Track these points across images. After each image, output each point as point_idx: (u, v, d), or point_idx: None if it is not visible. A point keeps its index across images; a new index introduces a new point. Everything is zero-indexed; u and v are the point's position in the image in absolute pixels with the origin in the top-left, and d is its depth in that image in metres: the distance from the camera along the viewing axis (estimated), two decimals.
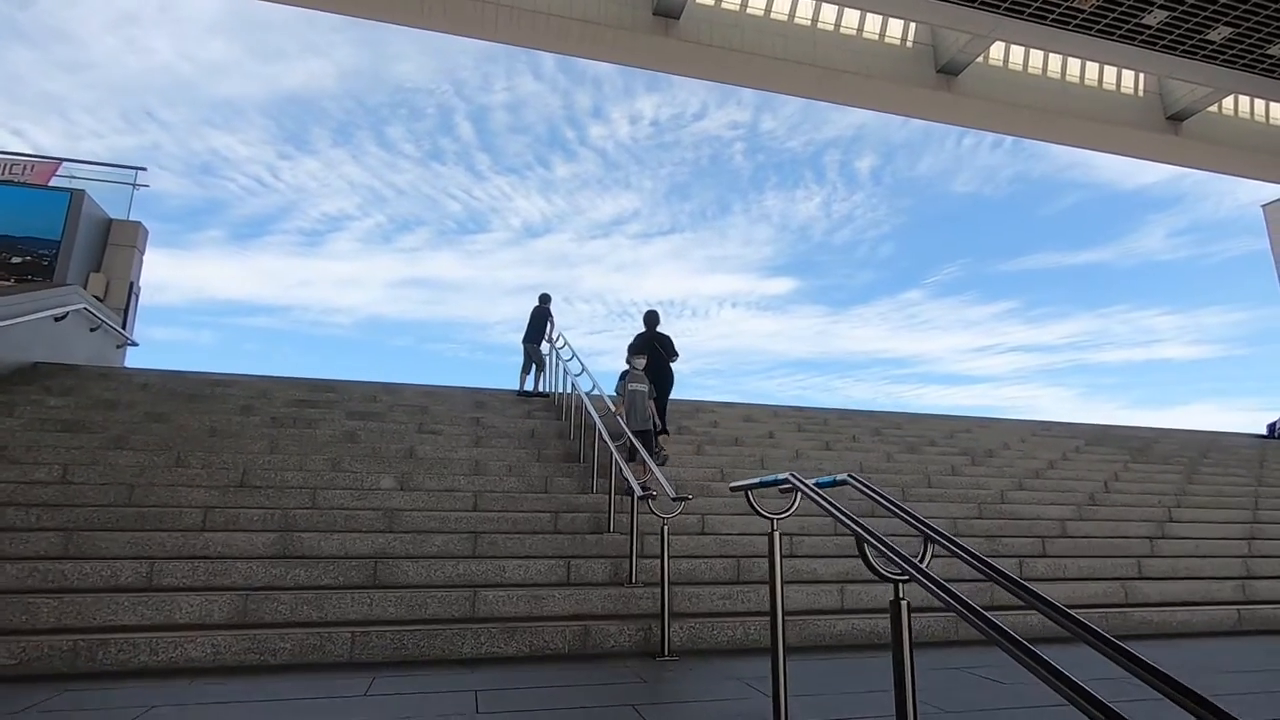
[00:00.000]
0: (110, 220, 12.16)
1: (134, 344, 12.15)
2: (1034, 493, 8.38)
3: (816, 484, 3.14)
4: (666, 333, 8.66)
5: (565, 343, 10.21)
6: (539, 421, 8.96)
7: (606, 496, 6.10)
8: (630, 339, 8.57)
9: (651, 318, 8.70)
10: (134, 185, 12.55)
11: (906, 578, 2.10)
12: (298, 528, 5.36)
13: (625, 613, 4.73)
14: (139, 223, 12.31)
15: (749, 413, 10.73)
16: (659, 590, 4.50)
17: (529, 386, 10.62)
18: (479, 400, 9.68)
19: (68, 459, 6.12)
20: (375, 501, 5.96)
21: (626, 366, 8.04)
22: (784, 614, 3.11)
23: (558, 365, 9.76)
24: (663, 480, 5.34)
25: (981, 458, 9.72)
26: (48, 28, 36.59)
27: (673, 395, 8.79)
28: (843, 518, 2.55)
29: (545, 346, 10.71)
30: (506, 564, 5.04)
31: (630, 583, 5.09)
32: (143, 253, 12.42)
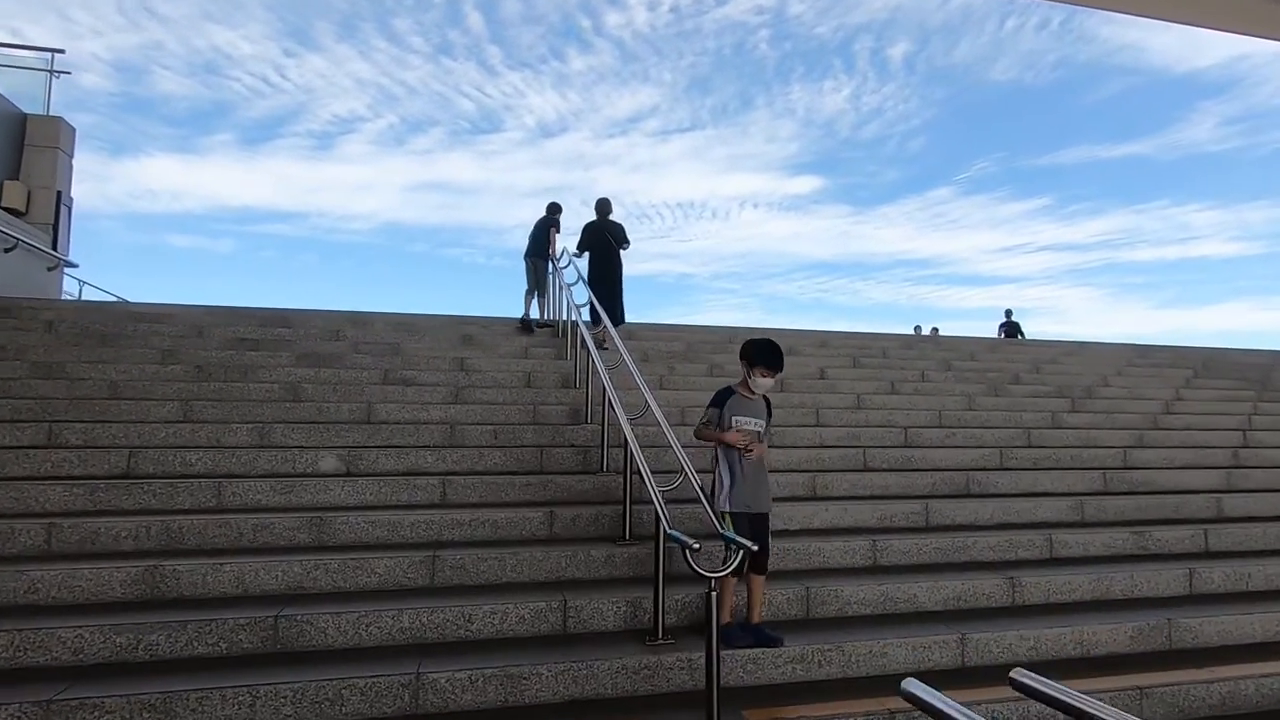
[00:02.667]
0: (25, 116, 10.16)
1: (72, 264, 10.46)
2: (1162, 450, 6.62)
3: None
4: (619, 220, 8.37)
5: (569, 261, 8.36)
6: (537, 362, 7.26)
7: (621, 480, 4.42)
8: (647, 241, 7.22)
9: (602, 205, 8.44)
10: (50, 72, 10.45)
11: None
12: (180, 548, 3.80)
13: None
14: (60, 119, 10.30)
15: (792, 343, 8.90)
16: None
17: (534, 314, 8.84)
18: (466, 334, 7.96)
19: None
20: (305, 497, 4.37)
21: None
22: None
23: (562, 293, 7.94)
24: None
25: (1081, 399, 7.92)
26: None
27: (701, 323, 8.13)
28: None
29: (551, 265, 8.85)
30: (474, 608, 3.46)
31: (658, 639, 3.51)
32: (71, 155, 10.48)
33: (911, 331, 15.58)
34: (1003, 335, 14.59)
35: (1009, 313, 15.28)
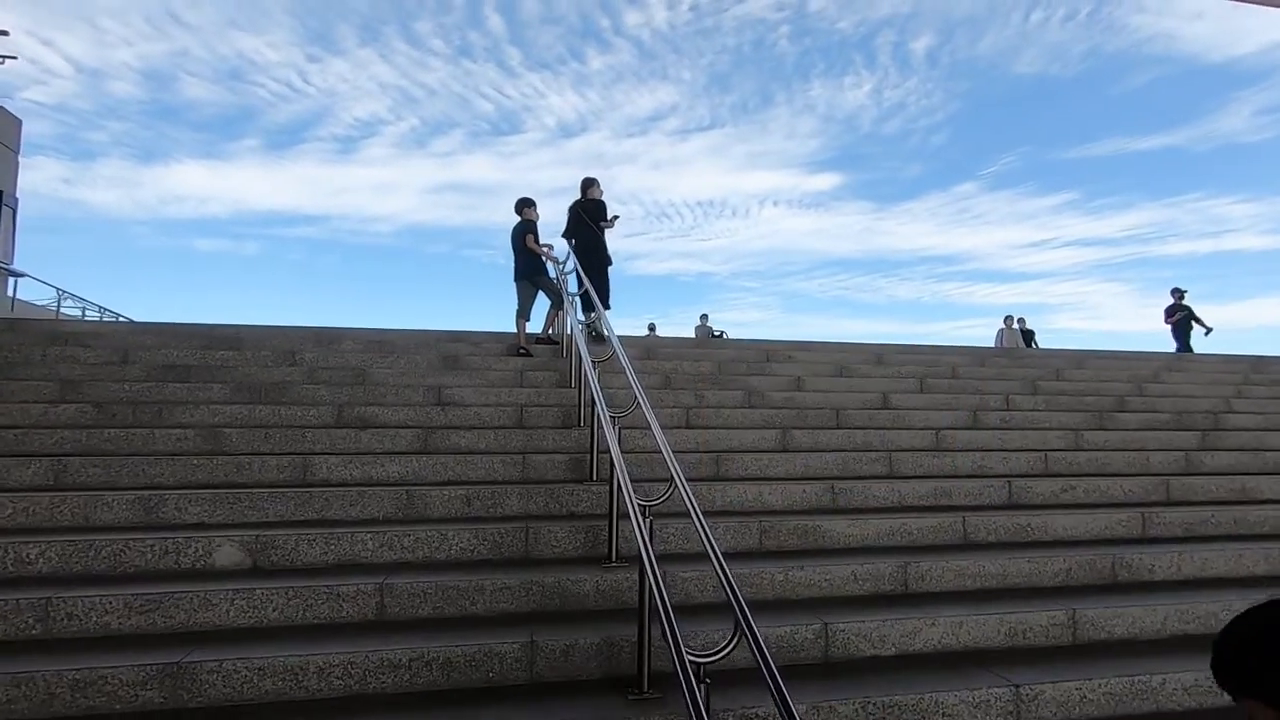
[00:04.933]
0: None
1: (18, 274, 9.26)
2: None
3: None
4: (600, 199, 7.64)
5: (573, 260, 7.00)
6: (534, 391, 5.86)
7: (640, 580, 3.00)
8: (666, 240, 5.99)
9: (584, 184, 7.69)
10: None
11: None
12: None
13: None
14: (2, 108, 9.11)
15: (842, 360, 7.45)
16: None
17: (535, 330, 7.44)
18: (450, 354, 6.59)
19: None
20: (175, 616, 2.99)
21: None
22: None
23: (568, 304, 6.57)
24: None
25: (1211, 432, 6.35)
26: None
27: (737, 336, 7.41)
28: None
29: (552, 269, 7.42)
30: None
31: None
32: (16, 151, 9.28)
33: (1001, 324, 13.83)
34: (1001, 344, 13.07)
35: (1021, 320, 13.83)
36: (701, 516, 2.72)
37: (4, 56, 9.62)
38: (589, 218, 7.59)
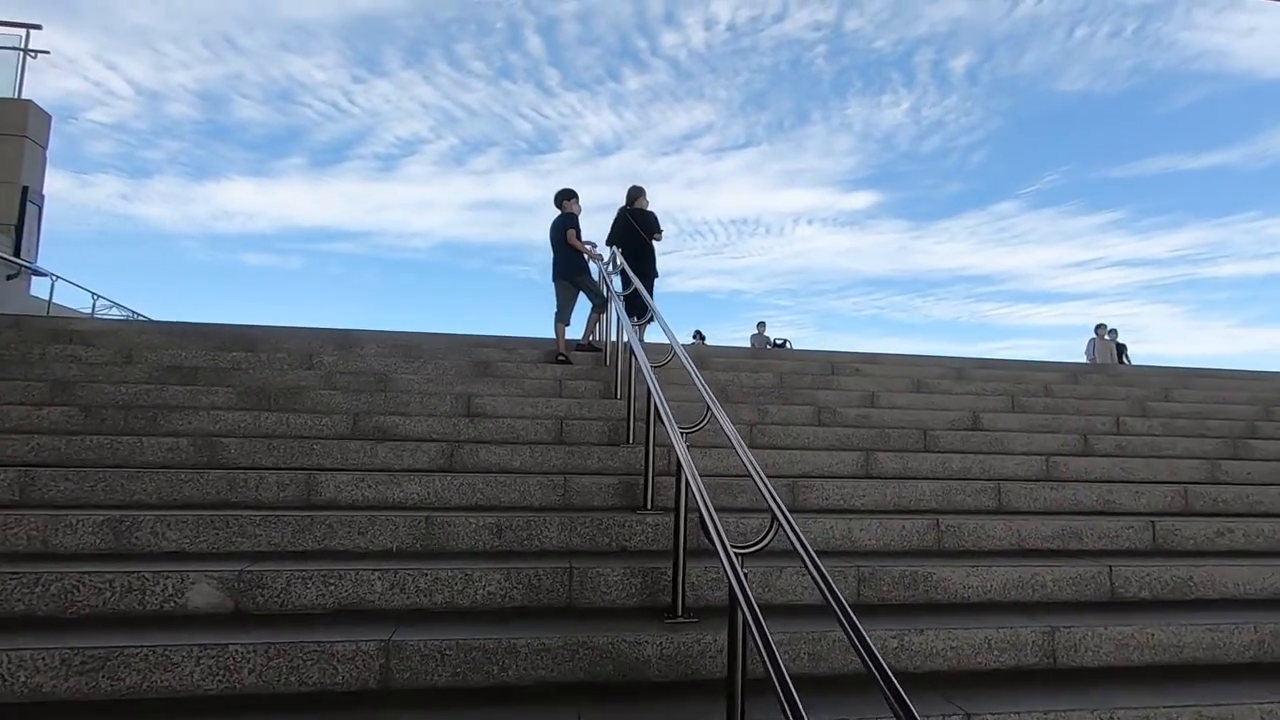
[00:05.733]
0: None
1: (39, 272, 8.96)
2: None
3: None
4: (649, 209, 7.24)
5: (619, 259, 6.33)
6: (575, 403, 5.17)
7: (729, 638, 2.25)
8: (700, 257, 5.59)
9: (631, 192, 7.26)
10: (23, 50, 9.04)
11: None
12: None
13: None
14: (29, 102, 8.85)
15: (916, 374, 6.62)
16: None
17: (577, 336, 6.79)
18: (481, 360, 5.95)
19: None
20: (126, 678, 2.34)
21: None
22: None
23: (612, 307, 5.90)
24: None
25: None
26: None
27: (801, 346, 7.85)
28: None
29: (594, 268, 6.76)
30: None
31: None
32: (43, 146, 9.01)
33: (1093, 334, 12.27)
34: (1092, 357, 11.80)
35: (1114, 331, 12.34)
36: (824, 573, 1.97)
37: (36, 51, 9.43)
38: (639, 225, 7.07)
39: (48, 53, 9.41)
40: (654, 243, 7.19)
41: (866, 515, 3.85)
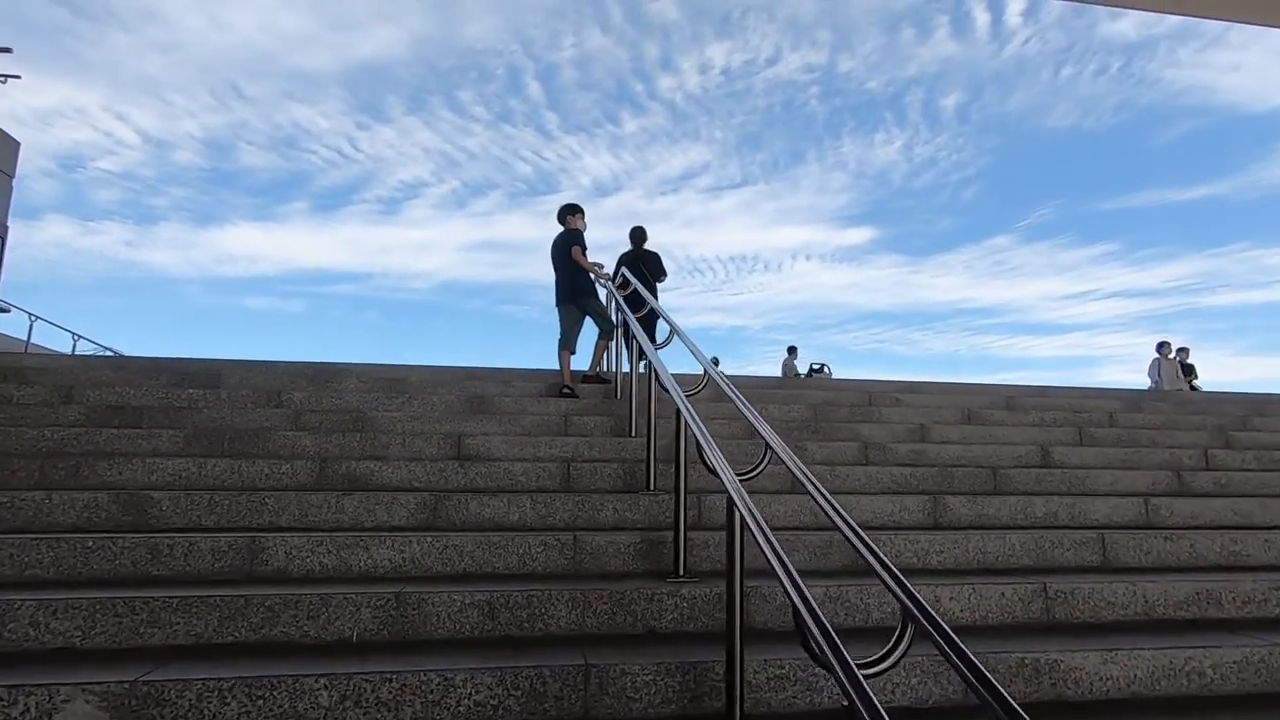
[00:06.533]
0: None
1: (1, 309, 8.28)
2: None
3: None
4: (654, 250, 6.96)
5: (630, 282, 5.65)
6: (582, 442, 4.43)
7: None
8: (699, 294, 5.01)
9: (636, 234, 6.98)
10: None
11: None
12: None
13: None
14: (1, 130, 8.30)
15: (965, 404, 5.88)
16: None
17: (583, 367, 6.08)
18: (475, 394, 5.22)
19: None
20: None
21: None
22: None
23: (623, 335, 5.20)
24: None
25: None
26: (139, 9, 37.27)
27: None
28: None
29: (603, 292, 6.06)
30: None
31: None
32: (12, 175, 8.42)
33: (1156, 354, 10.67)
34: (1157, 380, 10.78)
35: (1184, 350, 11.11)
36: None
37: (6, 76, 8.93)
38: (648, 270, 6.64)
39: (19, 77, 8.91)
40: (659, 284, 6.88)
41: (950, 577, 3.08)
